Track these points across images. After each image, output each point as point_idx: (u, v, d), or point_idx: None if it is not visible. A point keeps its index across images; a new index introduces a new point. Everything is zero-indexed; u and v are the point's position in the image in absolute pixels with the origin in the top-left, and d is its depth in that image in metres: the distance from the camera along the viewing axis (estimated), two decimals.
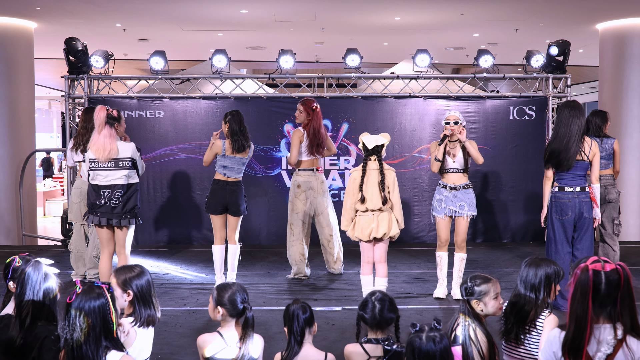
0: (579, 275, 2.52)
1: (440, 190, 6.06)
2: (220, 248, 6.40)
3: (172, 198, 8.95)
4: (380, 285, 5.55)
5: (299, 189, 6.79)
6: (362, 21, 10.80)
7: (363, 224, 5.46)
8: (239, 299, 3.21)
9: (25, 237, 9.96)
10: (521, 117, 8.96)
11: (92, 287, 2.65)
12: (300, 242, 6.85)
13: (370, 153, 5.52)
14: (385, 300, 3.24)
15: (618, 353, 2.50)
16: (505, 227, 9.04)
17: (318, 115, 6.70)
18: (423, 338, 2.52)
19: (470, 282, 3.20)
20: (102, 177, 5.60)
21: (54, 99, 23.53)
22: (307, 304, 3.33)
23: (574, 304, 2.52)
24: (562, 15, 10.31)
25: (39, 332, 2.91)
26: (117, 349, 2.64)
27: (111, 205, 5.59)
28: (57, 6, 9.58)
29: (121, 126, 5.80)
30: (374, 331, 3.22)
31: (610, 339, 2.51)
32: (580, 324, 2.50)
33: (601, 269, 2.51)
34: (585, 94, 20.73)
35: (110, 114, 5.60)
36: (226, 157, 6.29)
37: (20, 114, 10.27)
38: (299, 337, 3.20)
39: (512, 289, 3.34)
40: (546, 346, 2.66)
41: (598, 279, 2.50)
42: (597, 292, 2.50)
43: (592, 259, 2.55)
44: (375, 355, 3.13)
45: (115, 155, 5.57)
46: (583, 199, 5.45)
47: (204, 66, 10.90)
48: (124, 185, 5.62)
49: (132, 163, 5.65)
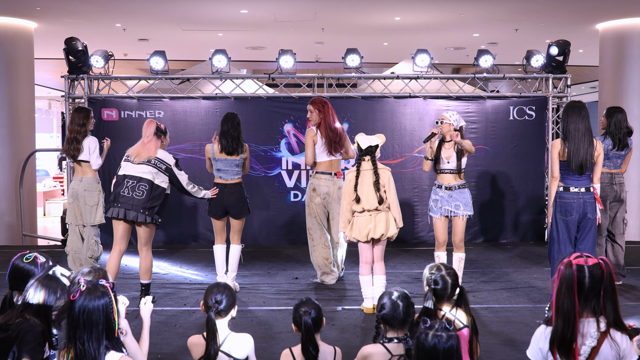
0: (562, 270, 2.57)
1: (436, 191, 6.07)
2: (221, 247, 6.40)
3: (172, 198, 8.87)
4: (379, 284, 5.55)
5: (314, 193, 6.53)
6: (362, 21, 10.80)
7: (360, 225, 5.46)
8: (212, 299, 3.23)
9: (25, 237, 9.96)
10: (521, 117, 8.96)
11: (96, 286, 2.64)
12: (323, 247, 6.64)
13: (364, 153, 5.52)
14: (407, 298, 3.26)
15: (602, 345, 2.55)
16: (505, 227, 9.03)
17: (330, 111, 6.49)
18: (429, 335, 2.51)
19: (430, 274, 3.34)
20: (130, 168, 5.72)
21: (54, 99, 23.52)
22: (313, 303, 3.31)
23: (560, 299, 2.56)
24: (562, 15, 10.31)
25: (23, 327, 2.86)
26: (117, 350, 2.64)
27: (134, 197, 5.61)
28: (57, 6, 9.58)
29: (166, 140, 5.96)
30: (395, 331, 3.21)
31: (594, 332, 2.56)
32: (568, 318, 2.54)
33: (584, 263, 2.57)
34: (585, 94, 20.71)
35: (159, 127, 5.86)
36: (217, 160, 6.27)
37: (20, 114, 10.27)
38: (312, 340, 3.20)
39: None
40: (533, 343, 2.69)
41: (582, 274, 2.56)
42: (582, 286, 2.55)
43: (575, 255, 2.60)
44: (397, 354, 3.14)
45: (152, 157, 5.74)
46: (588, 199, 5.44)
47: (204, 66, 10.90)
48: (150, 181, 5.67)
49: (166, 168, 5.75)
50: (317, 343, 3.23)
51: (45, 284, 2.87)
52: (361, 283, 5.65)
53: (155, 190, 5.69)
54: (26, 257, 3.22)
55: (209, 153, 6.31)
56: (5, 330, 2.84)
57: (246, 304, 5.93)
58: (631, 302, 5.95)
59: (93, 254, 6.58)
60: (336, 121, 6.53)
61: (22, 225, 9.93)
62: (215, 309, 3.22)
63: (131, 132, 8.46)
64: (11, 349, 2.82)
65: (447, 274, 3.32)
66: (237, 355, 3.22)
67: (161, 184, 5.74)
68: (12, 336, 2.82)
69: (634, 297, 6.12)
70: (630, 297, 6.12)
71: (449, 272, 3.34)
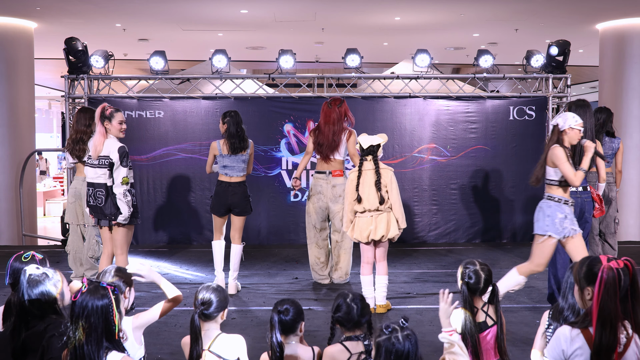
0: (605, 275, 2.47)
1: (562, 207, 4.93)
2: (220, 243, 6.39)
3: (172, 198, 8.95)
4: (381, 284, 5.55)
5: (311, 192, 6.61)
6: (362, 21, 10.80)
7: (362, 226, 5.46)
8: (199, 301, 3.23)
9: (25, 237, 9.96)
10: (521, 117, 8.96)
11: (98, 288, 2.64)
12: (315, 246, 6.65)
13: (366, 153, 5.52)
14: (360, 300, 3.30)
15: (628, 350, 2.48)
16: (505, 227, 9.04)
17: (323, 113, 6.48)
18: (400, 339, 2.50)
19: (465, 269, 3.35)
20: (88, 174, 5.53)
21: (54, 99, 23.53)
22: (295, 306, 3.27)
23: (604, 305, 2.46)
24: (562, 15, 10.31)
25: (46, 330, 2.90)
26: (118, 350, 2.64)
27: (97, 205, 5.48)
28: (57, 6, 9.58)
29: (111, 125, 5.47)
30: (351, 331, 3.27)
31: (622, 337, 2.49)
32: (611, 324, 2.46)
33: (617, 266, 2.49)
34: (585, 94, 20.72)
35: (103, 111, 5.45)
36: (224, 156, 6.28)
37: (20, 114, 10.27)
38: (278, 351, 3.16)
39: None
40: (554, 344, 2.60)
41: (619, 277, 2.48)
42: (620, 289, 2.48)
43: (605, 258, 2.53)
44: (357, 352, 3.18)
45: (101, 153, 5.44)
46: (585, 198, 5.45)
47: (204, 66, 10.90)
48: (105, 185, 5.44)
49: (109, 164, 5.40)
50: (283, 342, 3.21)
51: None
52: (362, 283, 5.65)
53: (110, 191, 5.43)
54: (24, 256, 3.23)
55: (216, 150, 6.29)
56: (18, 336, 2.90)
57: (246, 304, 5.94)
58: None
59: (94, 254, 6.58)
60: (330, 125, 6.41)
61: (22, 225, 9.93)
62: (200, 311, 3.20)
63: (131, 132, 8.44)
64: (35, 353, 2.86)
65: (481, 269, 3.34)
66: (226, 357, 3.18)
67: (109, 182, 5.45)
68: (32, 339, 2.88)
69: None
70: None
71: (482, 267, 3.35)
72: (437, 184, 8.94)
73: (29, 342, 2.90)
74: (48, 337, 2.84)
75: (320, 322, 5.31)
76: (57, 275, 2.99)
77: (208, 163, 6.43)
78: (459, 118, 8.92)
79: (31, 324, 2.91)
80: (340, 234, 6.60)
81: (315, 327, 5.13)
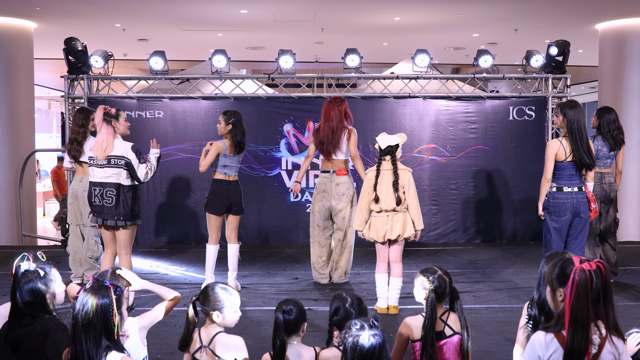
0: (577, 277, 2.46)
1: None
2: (215, 248, 6.37)
3: (172, 198, 8.94)
4: (395, 286, 5.54)
5: (315, 191, 6.64)
6: (362, 21, 10.81)
7: (378, 225, 5.46)
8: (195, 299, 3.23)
9: (25, 237, 9.96)
10: (521, 117, 8.96)
11: (101, 286, 2.66)
12: (317, 245, 6.66)
13: (384, 153, 5.51)
14: (358, 305, 3.28)
15: (602, 350, 2.48)
16: (505, 227, 9.04)
17: (323, 112, 6.51)
18: (366, 337, 2.49)
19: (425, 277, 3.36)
20: (95, 173, 5.60)
21: (54, 99, 23.51)
22: (298, 306, 3.27)
23: (576, 307, 2.45)
24: (562, 15, 10.31)
25: (43, 327, 2.92)
26: (118, 350, 2.64)
27: (104, 205, 5.54)
28: (57, 6, 9.58)
29: (119, 123, 5.64)
30: None
31: (596, 338, 2.48)
32: (583, 326, 2.45)
33: (589, 268, 2.48)
34: (585, 94, 20.72)
35: (108, 112, 5.57)
36: (227, 156, 6.29)
37: (20, 114, 10.28)
38: (281, 338, 3.17)
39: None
40: (529, 351, 2.57)
41: (591, 279, 2.47)
42: (592, 291, 2.47)
43: (578, 260, 2.52)
44: None
45: (110, 153, 5.55)
46: (580, 199, 5.44)
47: (204, 66, 10.90)
48: (117, 184, 5.54)
49: (125, 163, 5.55)
50: (286, 342, 3.20)
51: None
52: (376, 281, 5.62)
53: (125, 193, 5.56)
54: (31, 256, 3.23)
55: (221, 149, 6.27)
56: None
57: (246, 304, 5.93)
58: (630, 302, 5.95)
59: (93, 254, 6.58)
60: (329, 122, 6.44)
61: (22, 225, 9.93)
62: (194, 312, 3.29)
63: (131, 132, 8.39)
64: (36, 350, 2.87)
65: (444, 273, 3.35)
66: (223, 356, 3.16)
67: (123, 181, 5.57)
68: (31, 336, 2.89)
69: (634, 297, 6.12)
70: (630, 297, 6.12)
71: (444, 272, 3.36)
72: (436, 184, 8.95)
73: (23, 341, 2.91)
74: (51, 341, 2.85)
75: (320, 322, 5.30)
76: (51, 275, 3.00)
77: (207, 161, 6.29)
78: (458, 118, 8.92)
79: (24, 321, 2.93)
80: (342, 232, 6.58)
81: (315, 327, 5.13)
